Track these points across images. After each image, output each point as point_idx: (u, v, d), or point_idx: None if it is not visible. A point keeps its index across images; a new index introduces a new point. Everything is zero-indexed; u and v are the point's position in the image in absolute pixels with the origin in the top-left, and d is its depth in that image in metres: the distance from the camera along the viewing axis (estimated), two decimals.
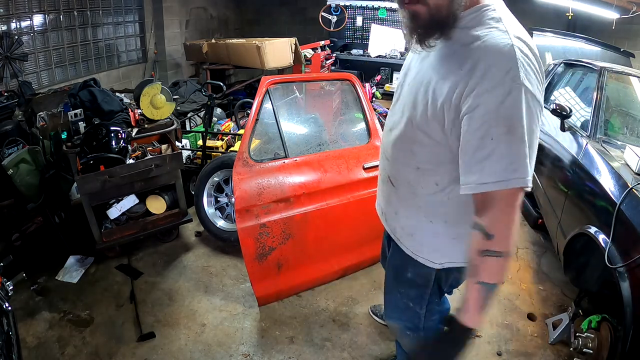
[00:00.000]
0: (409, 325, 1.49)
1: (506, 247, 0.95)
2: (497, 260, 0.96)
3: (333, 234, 2.40)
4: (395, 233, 1.34)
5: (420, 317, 1.43)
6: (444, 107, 0.98)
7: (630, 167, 1.98)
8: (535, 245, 3.12)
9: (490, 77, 0.89)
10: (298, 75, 4.63)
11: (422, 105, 1.05)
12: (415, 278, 1.33)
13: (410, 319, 1.46)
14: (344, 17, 6.02)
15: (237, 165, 2.17)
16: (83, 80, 2.76)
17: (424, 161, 1.12)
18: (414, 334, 1.50)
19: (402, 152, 1.19)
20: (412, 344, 1.55)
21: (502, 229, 0.95)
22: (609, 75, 2.74)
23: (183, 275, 2.65)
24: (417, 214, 1.22)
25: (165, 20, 6.00)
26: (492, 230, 0.95)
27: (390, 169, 1.27)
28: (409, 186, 1.20)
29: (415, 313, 1.42)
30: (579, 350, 1.86)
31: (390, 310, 1.54)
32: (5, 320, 1.48)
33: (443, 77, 0.99)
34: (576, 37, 4.59)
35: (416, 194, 1.19)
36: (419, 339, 1.50)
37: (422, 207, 1.20)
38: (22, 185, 2.63)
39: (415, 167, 1.15)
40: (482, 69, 0.90)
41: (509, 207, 0.94)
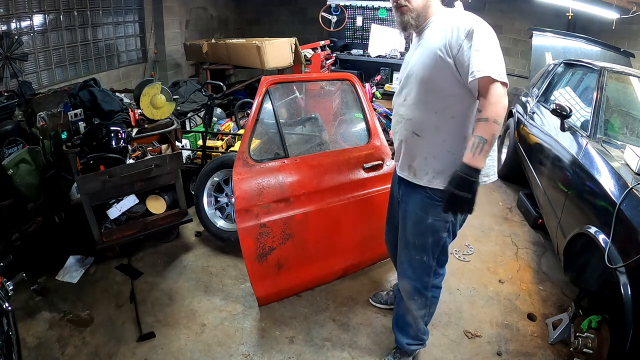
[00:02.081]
0: (418, 286, 1.80)
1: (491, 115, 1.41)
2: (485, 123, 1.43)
3: (333, 234, 2.40)
4: (423, 179, 1.67)
5: (429, 274, 1.78)
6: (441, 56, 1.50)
7: (630, 167, 1.98)
8: (535, 245, 3.12)
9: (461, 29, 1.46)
10: (298, 75, 4.63)
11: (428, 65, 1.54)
12: (435, 222, 1.67)
13: (420, 277, 1.79)
14: (344, 17, 6.02)
15: (237, 165, 2.17)
16: (83, 80, 2.76)
17: (438, 103, 1.56)
18: (421, 298, 1.83)
19: (421, 106, 1.60)
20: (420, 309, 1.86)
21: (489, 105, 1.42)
22: (609, 75, 2.74)
23: (183, 275, 2.66)
24: (443, 149, 1.60)
25: (165, 20, 6.00)
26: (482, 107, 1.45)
27: (412, 126, 1.65)
28: (435, 130, 1.60)
29: (427, 267, 1.77)
30: (579, 350, 1.86)
31: (404, 268, 1.83)
32: (5, 320, 1.48)
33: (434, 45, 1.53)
34: (576, 37, 4.59)
35: (440, 131, 1.59)
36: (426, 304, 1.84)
37: (446, 140, 1.59)
38: (22, 185, 2.63)
39: (434, 112, 1.58)
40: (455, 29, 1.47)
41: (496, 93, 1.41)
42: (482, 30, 1.46)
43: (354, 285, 2.57)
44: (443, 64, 1.51)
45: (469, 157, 1.46)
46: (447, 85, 1.53)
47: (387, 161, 2.52)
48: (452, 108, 1.55)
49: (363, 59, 5.96)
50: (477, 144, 1.45)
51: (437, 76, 1.53)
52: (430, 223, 1.67)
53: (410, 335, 1.95)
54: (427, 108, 1.59)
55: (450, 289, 2.57)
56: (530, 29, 4.89)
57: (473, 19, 1.50)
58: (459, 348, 2.13)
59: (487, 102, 1.44)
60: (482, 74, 1.41)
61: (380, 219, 2.46)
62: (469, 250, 3.01)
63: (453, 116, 1.55)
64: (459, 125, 1.57)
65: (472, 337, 2.21)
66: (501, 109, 1.44)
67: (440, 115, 1.57)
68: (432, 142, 1.62)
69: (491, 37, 1.47)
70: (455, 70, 1.50)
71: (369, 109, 2.58)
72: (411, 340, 1.95)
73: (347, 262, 2.55)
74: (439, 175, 1.62)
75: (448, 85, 1.53)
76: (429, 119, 1.60)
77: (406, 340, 1.95)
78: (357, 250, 2.53)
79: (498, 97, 1.42)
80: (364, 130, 2.57)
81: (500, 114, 1.44)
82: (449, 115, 1.56)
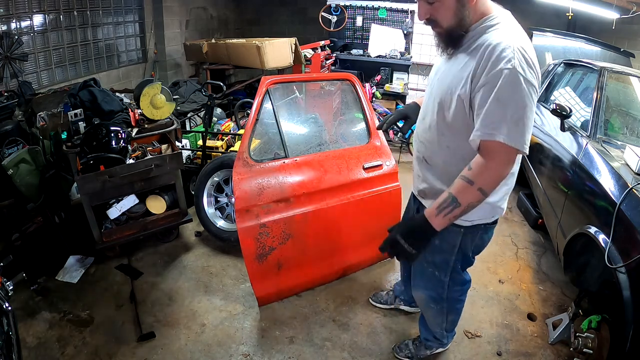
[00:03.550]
0: (433, 295, 1.73)
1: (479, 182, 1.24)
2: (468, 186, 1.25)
3: (333, 234, 2.40)
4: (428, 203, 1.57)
5: (444, 286, 1.69)
6: (461, 94, 1.28)
7: (630, 167, 1.98)
8: (535, 245, 3.12)
9: (492, 63, 1.19)
10: (298, 75, 4.63)
11: (448, 96, 1.34)
12: (441, 244, 1.58)
13: (435, 287, 1.71)
14: (344, 17, 6.01)
15: (237, 165, 2.17)
16: (83, 80, 2.76)
17: (452, 141, 1.39)
18: (437, 306, 1.76)
19: (434, 136, 1.45)
20: (436, 317, 1.82)
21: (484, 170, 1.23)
22: (609, 75, 2.74)
23: (183, 275, 2.65)
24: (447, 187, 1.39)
25: (165, 20, 5.99)
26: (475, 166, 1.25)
27: (425, 151, 1.53)
28: (442, 164, 1.47)
29: (440, 281, 1.67)
30: (579, 350, 1.86)
31: (417, 279, 1.78)
32: (5, 320, 1.48)
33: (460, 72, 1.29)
34: (576, 37, 4.59)
35: (448, 169, 1.44)
36: (442, 311, 1.78)
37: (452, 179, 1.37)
38: (22, 185, 2.63)
39: (446, 146, 1.42)
40: (486, 59, 1.20)
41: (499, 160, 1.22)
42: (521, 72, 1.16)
43: (354, 285, 2.57)
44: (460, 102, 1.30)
45: (431, 212, 1.30)
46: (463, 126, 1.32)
47: (387, 161, 2.52)
48: (465, 150, 1.34)
49: (363, 59, 5.95)
50: (447, 204, 1.27)
51: (454, 114, 1.33)
52: (437, 245, 1.58)
53: (430, 334, 1.97)
54: (440, 141, 1.43)
55: None
56: (530, 29, 4.88)
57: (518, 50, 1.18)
58: (459, 348, 2.13)
59: (481, 165, 1.23)
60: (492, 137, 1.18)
61: (380, 219, 2.46)
62: None
63: (464, 158, 1.33)
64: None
65: (472, 337, 2.20)
66: (495, 179, 1.24)
67: (452, 152, 1.41)
68: (440, 176, 1.49)
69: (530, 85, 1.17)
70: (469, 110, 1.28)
71: (369, 109, 2.58)
72: (431, 338, 1.98)
73: (347, 262, 2.55)
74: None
75: (465, 127, 1.31)
76: (439, 152, 1.45)
77: (425, 336, 1.99)
78: (357, 250, 2.53)
79: (497, 165, 1.22)
80: (364, 130, 2.57)
81: (491, 186, 1.25)
82: (460, 156, 1.37)
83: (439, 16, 1.28)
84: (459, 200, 1.26)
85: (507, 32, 1.23)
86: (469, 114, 1.29)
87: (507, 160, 1.23)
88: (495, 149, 1.21)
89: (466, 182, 1.25)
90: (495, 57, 1.18)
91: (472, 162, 1.27)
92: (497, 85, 1.17)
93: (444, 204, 1.28)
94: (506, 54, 1.17)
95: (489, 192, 1.26)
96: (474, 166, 1.26)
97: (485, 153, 1.23)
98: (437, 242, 1.57)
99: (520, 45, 1.20)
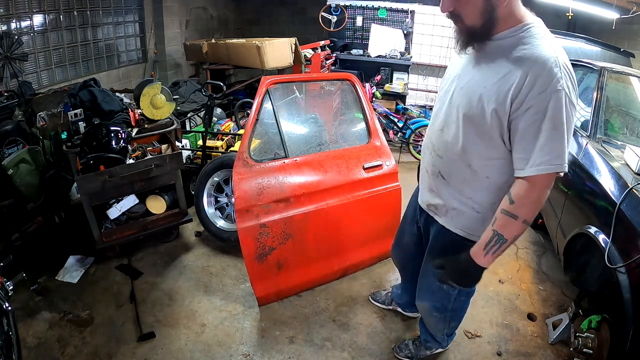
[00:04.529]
0: (438, 306, 1.71)
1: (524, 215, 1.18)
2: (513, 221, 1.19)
3: (333, 234, 2.40)
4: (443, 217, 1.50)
5: (450, 299, 1.66)
6: (497, 110, 1.17)
7: (630, 167, 1.98)
8: (535, 245, 3.12)
9: (540, 83, 1.10)
10: (298, 75, 4.63)
11: (478, 109, 1.22)
12: None
13: (441, 299, 1.68)
14: (344, 17, 6.01)
15: (237, 165, 2.17)
16: (83, 80, 2.76)
17: (476, 159, 1.30)
18: (441, 315, 1.74)
19: (455, 153, 1.34)
20: (438, 324, 1.81)
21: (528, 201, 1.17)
22: (609, 75, 2.74)
23: (183, 275, 2.65)
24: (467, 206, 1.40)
25: (165, 20, 5.99)
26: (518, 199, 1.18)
27: (442, 165, 1.42)
28: (462, 182, 1.38)
29: (447, 294, 1.64)
30: (579, 350, 1.86)
31: (423, 292, 1.75)
32: (5, 320, 1.48)
33: (496, 84, 1.17)
34: (576, 37, 4.59)
35: (468, 188, 1.37)
36: (445, 319, 1.75)
37: (473, 198, 1.38)
38: (22, 185, 2.63)
39: (467, 165, 1.33)
40: (532, 77, 1.11)
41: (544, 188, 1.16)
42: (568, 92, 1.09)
43: (354, 285, 2.57)
44: (495, 120, 1.19)
45: (477, 252, 1.25)
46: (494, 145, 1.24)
47: (387, 161, 2.52)
48: (491, 170, 1.28)
49: (363, 59, 5.95)
50: (493, 242, 1.22)
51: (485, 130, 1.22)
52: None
53: (430, 335, 1.97)
54: (463, 158, 1.32)
55: None
56: None
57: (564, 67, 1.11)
58: (459, 348, 2.13)
59: (526, 198, 1.16)
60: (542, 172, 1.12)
61: (380, 219, 2.47)
62: None
63: (489, 177, 1.29)
64: (493, 187, 1.32)
65: (472, 337, 2.20)
66: (538, 208, 1.18)
67: (475, 171, 1.32)
68: (458, 194, 1.40)
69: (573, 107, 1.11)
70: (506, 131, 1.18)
71: (369, 109, 2.58)
72: (431, 339, 1.98)
73: (347, 262, 2.55)
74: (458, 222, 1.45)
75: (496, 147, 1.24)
76: (460, 170, 1.35)
77: (425, 337, 1.99)
78: (357, 250, 2.54)
79: (541, 193, 1.16)
80: (364, 130, 2.57)
81: (534, 215, 1.19)
82: (484, 175, 1.31)
83: (464, 11, 1.18)
84: (504, 237, 1.22)
85: (552, 46, 1.15)
86: (503, 133, 1.19)
87: (550, 186, 1.17)
88: (540, 180, 1.14)
89: (509, 216, 1.20)
90: (546, 76, 1.09)
91: (512, 193, 1.20)
92: (548, 110, 1.09)
93: (490, 242, 1.23)
94: (555, 72, 1.09)
95: (531, 220, 1.20)
96: (516, 199, 1.18)
97: (533, 183, 1.15)
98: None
99: (564, 61, 1.13)
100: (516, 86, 1.13)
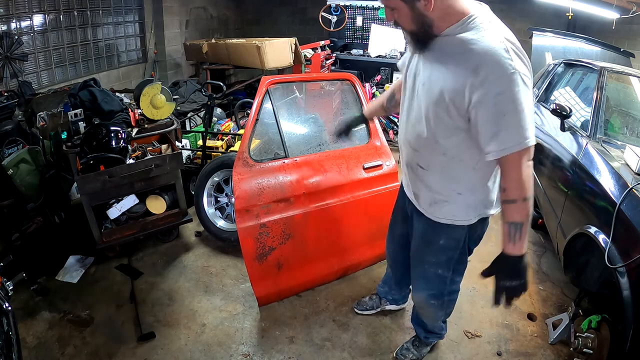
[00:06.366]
0: (435, 293, 1.76)
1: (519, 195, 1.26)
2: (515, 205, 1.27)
3: (333, 234, 2.40)
4: (428, 209, 1.58)
5: (446, 282, 1.71)
6: (458, 102, 1.25)
7: (630, 167, 1.98)
8: (535, 245, 3.12)
9: (493, 73, 1.16)
10: (298, 75, 4.63)
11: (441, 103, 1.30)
12: (447, 242, 1.60)
13: (437, 286, 1.73)
14: (344, 17, 6.02)
15: (237, 165, 2.17)
16: (83, 80, 2.75)
17: (449, 148, 1.39)
18: (438, 302, 1.78)
19: (429, 144, 1.43)
20: (436, 312, 1.84)
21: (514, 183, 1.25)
22: (609, 75, 2.74)
23: (183, 275, 2.65)
24: (449, 189, 1.48)
25: (165, 20, 5.99)
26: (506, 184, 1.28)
27: (419, 158, 1.51)
28: (440, 169, 1.46)
29: (443, 278, 1.70)
30: (579, 350, 1.86)
31: (418, 282, 1.80)
32: (5, 320, 1.48)
33: (453, 79, 1.24)
34: (576, 37, 4.59)
35: (446, 173, 1.45)
36: (442, 306, 1.80)
37: (452, 183, 1.46)
38: (22, 185, 2.63)
39: (442, 153, 1.41)
40: (485, 69, 1.17)
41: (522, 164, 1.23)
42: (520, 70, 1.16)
43: (354, 285, 2.57)
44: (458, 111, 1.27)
45: (509, 248, 1.32)
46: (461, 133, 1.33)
47: (387, 161, 2.52)
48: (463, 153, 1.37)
49: (363, 59, 5.96)
50: (513, 232, 1.29)
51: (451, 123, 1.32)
52: (442, 244, 1.61)
53: (427, 330, 1.98)
54: (436, 148, 1.41)
55: None
56: (530, 28, 4.89)
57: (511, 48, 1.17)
58: (459, 348, 2.13)
59: (511, 180, 1.25)
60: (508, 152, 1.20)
61: (380, 219, 2.46)
62: None
63: (462, 159, 1.39)
64: (468, 168, 1.42)
65: (472, 337, 2.21)
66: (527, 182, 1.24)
67: (449, 157, 1.41)
68: (439, 180, 1.49)
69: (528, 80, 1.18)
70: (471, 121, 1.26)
71: None
72: (429, 334, 2.00)
73: (347, 262, 2.55)
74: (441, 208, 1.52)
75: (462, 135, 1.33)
76: (435, 159, 1.45)
77: (424, 334, 2.00)
78: (357, 250, 2.53)
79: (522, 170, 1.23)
80: (364, 130, 2.57)
81: (529, 189, 1.25)
82: (458, 159, 1.40)
83: (400, 21, 1.30)
84: (517, 221, 1.28)
85: (493, 31, 1.20)
86: (466, 122, 1.28)
87: (529, 159, 1.24)
88: (516, 157, 1.22)
89: (509, 203, 1.28)
90: (497, 65, 1.16)
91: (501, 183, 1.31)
92: (505, 94, 1.16)
93: (511, 233, 1.30)
94: (504, 59, 1.15)
95: (531, 192, 1.26)
96: (505, 186, 1.28)
97: (509, 165, 1.24)
98: (442, 242, 1.60)
99: (512, 44, 1.19)
100: (472, 81, 1.19)
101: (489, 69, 1.16)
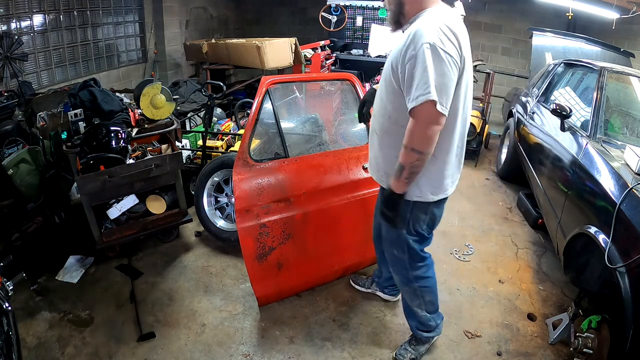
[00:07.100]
0: (402, 278, 1.92)
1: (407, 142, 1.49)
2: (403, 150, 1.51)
3: (333, 234, 2.40)
4: (382, 179, 1.78)
5: (406, 266, 1.86)
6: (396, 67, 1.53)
7: (630, 167, 1.98)
8: (535, 245, 3.12)
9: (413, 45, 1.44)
10: (298, 75, 4.63)
11: (389, 74, 1.59)
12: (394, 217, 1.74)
13: (400, 270, 1.90)
14: (344, 17, 6.01)
15: (237, 165, 2.17)
16: (83, 80, 2.75)
17: (392, 111, 1.63)
18: (408, 288, 1.92)
19: (382, 107, 1.68)
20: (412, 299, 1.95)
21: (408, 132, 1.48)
22: (609, 75, 2.74)
23: (183, 275, 2.66)
24: (390, 154, 1.65)
25: (165, 20, 5.99)
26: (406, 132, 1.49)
27: (374, 122, 1.75)
28: (385, 132, 1.69)
29: (401, 261, 1.85)
30: (579, 350, 1.86)
31: (390, 265, 1.98)
32: (5, 320, 1.48)
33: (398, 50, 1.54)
34: (576, 37, 4.59)
35: (390, 135, 1.66)
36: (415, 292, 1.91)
37: (393, 146, 1.63)
38: (22, 185, 2.63)
39: (388, 116, 1.65)
40: (411, 43, 1.46)
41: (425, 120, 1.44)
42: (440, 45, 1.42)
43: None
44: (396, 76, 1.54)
45: (392, 182, 1.59)
46: (398, 97, 1.56)
47: None
48: (403, 118, 1.55)
49: (363, 59, 5.95)
50: (397, 169, 1.55)
51: (391, 86, 1.59)
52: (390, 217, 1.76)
53: (417, 320, 1.99)
54: (384, 112, 1.66)
55: (450, 289, 2.58)
56: (530, 29, 4.89)
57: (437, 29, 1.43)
58: (459, 348, 2.13)
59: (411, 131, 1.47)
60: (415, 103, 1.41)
61: None
62: (469, 250, 3.01)
63: (403, 125, 1.55)
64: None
65: (472, 337, 2.21)
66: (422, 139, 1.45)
67: (393, 121, 1.63)
68: (384, 144, 1.71)
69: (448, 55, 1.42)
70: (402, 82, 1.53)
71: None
72: (420, 325, 2.00)
73: (347, 262, 2.55)
74: (386, 176, 1.69)
75: (399, 98, 1.56)
76: (384, 122, 1.68)
77: (415, 324, 2.01)
78: (357, 250, 2.53)
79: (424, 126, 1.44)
80: (364, 130, 2.57)
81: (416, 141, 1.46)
82: (399, 124, 1.58)
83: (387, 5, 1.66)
84: (402, 164, 1.52)
85: (430, 18, 1.48)
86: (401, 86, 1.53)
87: (429, 120, 1.43)
88: (419, 112, 1.43)
89: (403, 148, 1.51)
90: (417, 36, 1.43)
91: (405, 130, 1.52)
92: (420, 58, 1.40)
93: (396, 170, 1.56)
94: (423, 34, 1.41)
95: (423, 150, 1.47)
96: (406, 133, 1.49)
97: (412, 116, 1.46)
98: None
99: (439, 25, 1.43)
100: (403, 52, 1.48)
101: (412, 43, 1.44)
